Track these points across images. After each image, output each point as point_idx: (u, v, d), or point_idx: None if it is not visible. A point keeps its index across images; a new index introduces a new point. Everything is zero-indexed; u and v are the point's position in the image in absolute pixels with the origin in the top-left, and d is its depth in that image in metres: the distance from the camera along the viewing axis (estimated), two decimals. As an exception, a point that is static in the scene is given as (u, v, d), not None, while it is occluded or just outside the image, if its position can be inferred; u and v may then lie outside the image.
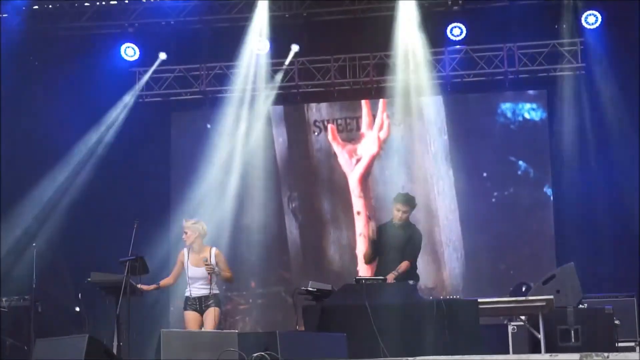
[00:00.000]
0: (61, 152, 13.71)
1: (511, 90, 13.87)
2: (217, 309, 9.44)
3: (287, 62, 13.96)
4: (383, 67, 13.94)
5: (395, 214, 9.64)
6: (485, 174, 13.77)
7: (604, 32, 13.37)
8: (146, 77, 14.15)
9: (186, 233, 9.55)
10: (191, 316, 9.46)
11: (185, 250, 9.67)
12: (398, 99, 13.99)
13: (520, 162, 13.80)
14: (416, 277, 9.58)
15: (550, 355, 5.33)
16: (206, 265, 9.41)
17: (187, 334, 8.16)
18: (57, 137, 13.66)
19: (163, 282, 9.76)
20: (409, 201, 9.69)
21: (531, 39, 13.51)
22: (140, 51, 14.21)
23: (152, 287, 9.54)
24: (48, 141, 13.68)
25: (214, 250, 9.62)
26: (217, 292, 9.60)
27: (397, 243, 9.52)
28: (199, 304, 9.40)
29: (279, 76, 14.11)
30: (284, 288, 13.95)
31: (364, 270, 13.09)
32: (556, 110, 13.68)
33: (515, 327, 10.42)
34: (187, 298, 9.53)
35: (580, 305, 9.37)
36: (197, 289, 9.41)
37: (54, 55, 14.02)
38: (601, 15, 13.37)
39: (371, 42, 13.82)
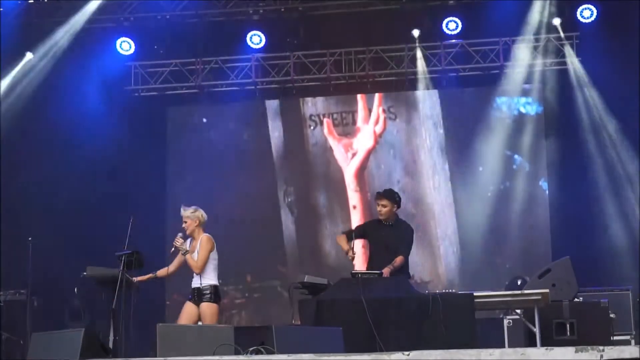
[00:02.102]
0: (56, 146, 13.68)
1: (507, 84, 13.87)
2: (213, 304, 9.16)
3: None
4: (379, 61, 13.95)
5: (378, 210, 9.60)
6: (481, 168, 13.78)
7: (600, 26, 13.38)
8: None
9: (186, 222, 9.38)
10: (186, 306, 9.23)
11: (183, 240, 9.51)
12: (394, 93, 14.01)
13: (516, 156, 13.82)
14: (407, 274, 9.57)
15: (546, 349, 5.33)
16: (176, 239, 9.20)
17: (182, 328, 8.15)
18: (52, 131, 13.64)
19: (160, 272, 9.60)
20: (385, 194, 9.61)
21: (527, 33, 13.52)
22: (135, 45, 14.20)
23: (147, 276, 9.43)
24: (44, 135, 13.66)
25: (204, 235, 9.36)
26: (214, 283, 9.23)
27: (390, 242, 9.49)
28: (195, 295, 9.23)
29: (274, 70, 14.12)
30: (280, 282, 13.96)
31: (360, 265, 13.10)
32: (552, 104, 13.70)
33: (511, 320, 10.43)
34: (191, 288, 9.36)
35: (576, 299, 9.39)
36: (194, 277, 9.25)
37: (50, 49, 13.99)
38: (597, 9, 13.38)
39: (367, 36, 13.83)
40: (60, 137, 13.68)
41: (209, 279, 9.22)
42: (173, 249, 9.27)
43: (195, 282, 9.21)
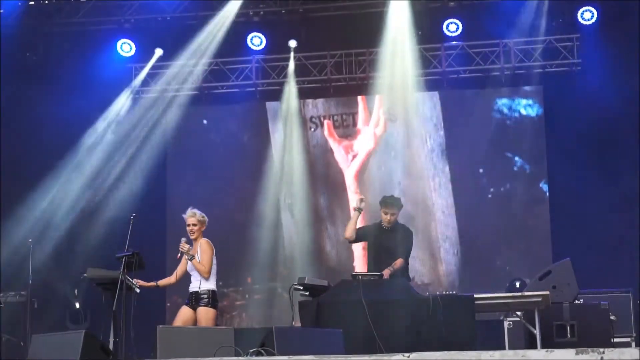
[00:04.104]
0: (57, 147, 13.68)
1: (507, 86, 13.88)
2: (210, 309, 9.07)
3: (290, 59, 13.98)
4: (379, 63, 13.94)
5: (383, 217, 9.56)
6: (481, 170, 13.79)
7: (600, 28, 13.39)
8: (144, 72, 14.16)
9: (195, 225, 9.31)
10: (182, 311, 9.17)
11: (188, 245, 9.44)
12: (394, 95, 14.01)
13: (517, 158, 13.81)
14: (408, 277, 9.57)
15: (546, 351, 5.33)
16: (182, 244, 9.13)
17: (183, 330, 8.14)
18: (53, 133, 13.64)
19: (162, 282, 9.56)
20: (395, 203, 9.64)
21: (527, 35, 13.52)
22: (136, 47, 14.21)
23: (149, 284, 9.38)
24: (45, 136, 13.66)
25: (203, 239, 9.27)
26: (213, 288, 9.16)
27: (390, 245, 9.49)
28: (192, 300, 9.17)
29: (275, 72, 14.12)
30: (280, 284, 13.95)
31: (360, 266, 13.11)
32: (552, 106, 13.70)
33: (511, 322, 10.43)
34: (189, 292, 9.30)
35: (576, 301, 9.38)
36: (192, 282, 9.20)
37: (51, 51, 14.00)
38: (597, 11, 13.39)
39: (367, 38, 13.82)
40: (61, 139, 13.67)
41: (208, 283, 9.16)
42: (180, 254, 9.22)
43: (194, 286, 9.16)
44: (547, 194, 13.66)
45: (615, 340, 9.74)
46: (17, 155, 13.55)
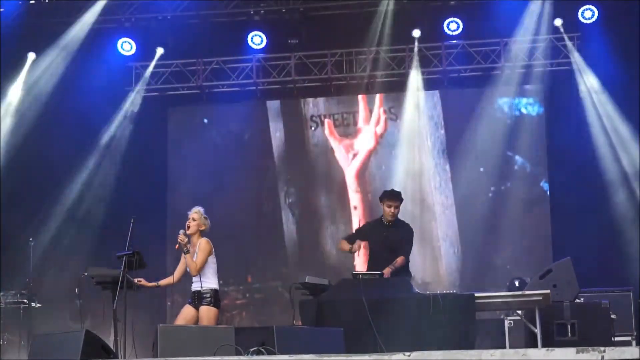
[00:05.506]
0: (57, 147, 13.67)
1: (508, 85, 13.85)
2: (212, 308, 9.02)
3: (291, 57, 13.97)
4: (380, 62, 13.95)
5: (386, 210, 9.54)
6: (482, 169, 13.78)
7: (601, 27, 13.38)
8: (148, 71, 14.14)
9: (195, 220, 9.29)
10: (184, 310, 9.13)
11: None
12: (395, 94, 14.02)
13: (517, 157, 13.81)
14: (409, 274, 9.57)
15: (547, 350, 5.33)
16: (180, 236, 9.05)
17: (183, 328, 8.14)
18: (53, 132, 13.64)
19: (163, 282, 9.54)
20: (397, 196, 9.64)
21: (528, 33, 13.51)
22: (136, 46, 14.20)
23: (151, 284, 9.37)
24: (45, 136, 13.66)
25: (203, 239, 9.17)
26: (215, 287, 9.10)
27: (391, 242, 9.49)
28: (195, 299, 9.16)
29: (275, 71, 14.12)
30: (280, 283, 13.96)
31: (361, 265, 13.11)
32: (553, 105, 13.70)
33: (511, 321, 10.44)
34: (191, 291, 9.29)
35: (577, 300, 9.38)
36: (194, 281, 9.19)
37: (51, 50, 13.98)
38: (597, 9, 13.38)
39: (368, 37, 13.83)
40: (61, 138, 13.67)
41: (210, 282, 9.13)
42: (177, 244, 9.20)
43: (196, 286, 9.15)
44: (548, 192, 13.66)
45: (616, 339, 9.75)
46: (18, 154, 13.56)
